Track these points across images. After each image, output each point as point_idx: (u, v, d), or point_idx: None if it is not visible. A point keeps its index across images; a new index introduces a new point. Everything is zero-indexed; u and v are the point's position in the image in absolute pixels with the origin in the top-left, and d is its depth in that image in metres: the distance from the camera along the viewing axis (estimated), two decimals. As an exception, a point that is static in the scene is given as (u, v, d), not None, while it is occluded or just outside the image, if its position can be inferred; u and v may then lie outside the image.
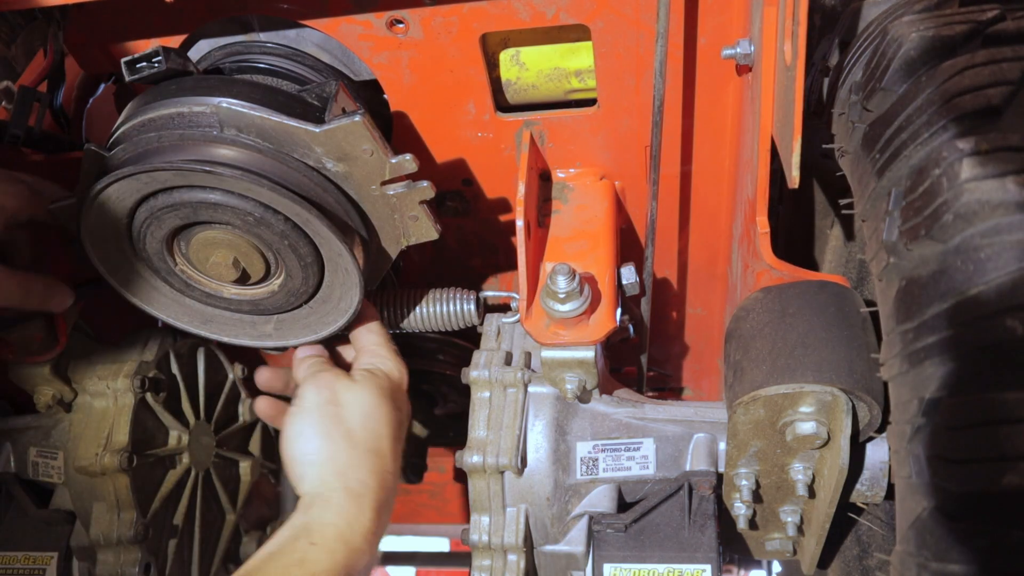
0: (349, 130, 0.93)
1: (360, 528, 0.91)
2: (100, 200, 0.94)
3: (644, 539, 1.08)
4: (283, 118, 0.92)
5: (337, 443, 0.96)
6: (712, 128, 1.17)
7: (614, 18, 1.02)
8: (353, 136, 0.93)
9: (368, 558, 0.92)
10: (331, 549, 0.88)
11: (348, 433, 0.97)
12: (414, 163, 0.96)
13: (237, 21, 1.10)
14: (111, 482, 1.28)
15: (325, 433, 0.97)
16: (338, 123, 0.93)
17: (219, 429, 1.53)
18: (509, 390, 1.12)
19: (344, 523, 0.91)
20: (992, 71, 0.75)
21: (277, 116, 0.92)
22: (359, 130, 0.93)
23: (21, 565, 1.34)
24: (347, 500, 0.92)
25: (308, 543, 0.88)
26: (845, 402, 0.93)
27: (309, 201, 0.93)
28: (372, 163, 0.96)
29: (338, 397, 1.00)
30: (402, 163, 0.96)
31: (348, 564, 0.89)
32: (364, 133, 0.93)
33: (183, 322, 1.10)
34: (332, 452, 0.95)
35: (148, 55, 0.94)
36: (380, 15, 1.04)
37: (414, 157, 0.96)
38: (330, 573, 0.87)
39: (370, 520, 0.93)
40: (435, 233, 1.03)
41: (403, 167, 0.97)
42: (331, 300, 1.05)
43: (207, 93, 0.94)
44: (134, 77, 0.95)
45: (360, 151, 0.95)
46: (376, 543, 0.94)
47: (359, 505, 0.93)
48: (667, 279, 1.48)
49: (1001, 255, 0.67)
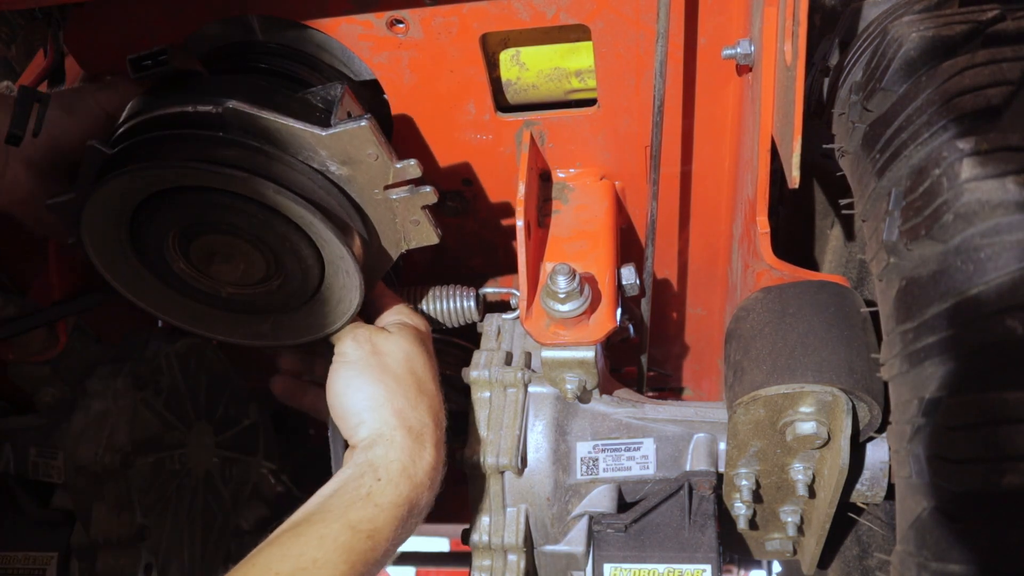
0: (355, 134, 0.93)
1: (423, 464, 0.94)
2: (101, 197, 0.94)
3: (644, 539, 1.08)
4: (289, 120, 0.92)
5: (390, 387, 0.98)
6: (712, 128, 1.17)
7: (614, 18, 1.02)
8: (359, 140, 0.93)
9: (430, 494, 0.95)
10: (396, 483, 0.91)
11: (397, 378, 1.00)
12: (418, 168, 0.97)
13: (237, 21, 1.10)
14: (111, 482, 1.28)
15: (376, 380, 0.98)
16: (344, 127, 0.93)
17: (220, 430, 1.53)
18: (509, 390, 1.12)
19: (408, 459, 0.93)
20: (992, 71, 0.75)
21: (283, 118, 0.92)
22: (365, 135, 0.93)
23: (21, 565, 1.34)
24: (408, 438, 0.95)
25: (374, 479, 0.90)
26: (845, 402, 0.93)
27: (312, 203, 0.93)
28: (376, 167, 0.96)
29: (378, 347, 1.02)
30: (406, 168, 0.96)
31: (412, 498, 0.92)
32: (370, 138, 0.93)
33: (180, 321, 1.10)
34: (387, 395, 0.97)
35: (154, 53, 0.94)
36: (380, 15, 1.04)
37: (418, 163, 0.96)
38: (396, 506, 0.90)
39: (431, 456, 0.96)
40: (436, 238, 1.03)
41: (407, 172, 0.97)
42: (330, 301, 1.05)
43: (213, 93, 0.94)
44: (139, 75, 0.95)
45: (365, 155, 0.95)
46: (437, 480, 0.97)
47: (420, 442, 0.96)
48: (667, 279, 1.48)
49: (1001, 255, 0.67)
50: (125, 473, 1.28)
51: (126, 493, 1.29)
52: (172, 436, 1.40)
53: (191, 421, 1.46)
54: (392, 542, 0.89)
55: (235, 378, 1.61)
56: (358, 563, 0.84)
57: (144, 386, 1.33)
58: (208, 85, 0.97)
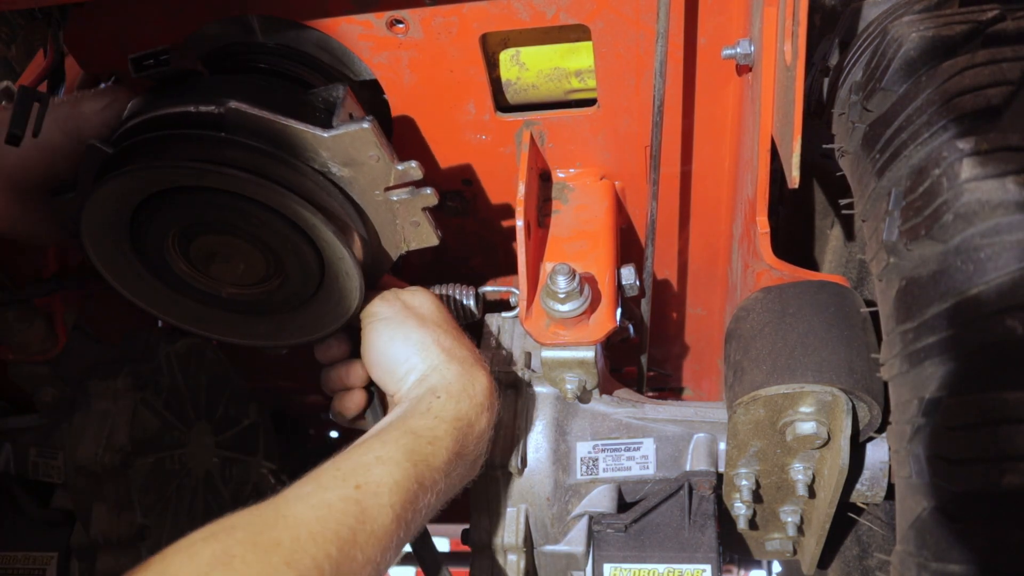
0: (357, 136, 0.93)
1: (480, 385, 0.97)
2: (102, 196, 0.94)
3: (644, 539, 1.08)
4: (291, 121, 0.92)
5: (431, 331, 1.00)
6: (712, 128, 1.17)
7: (614, 18, 1.02)
8: (361, 142, 0.93)
9: (488, 416, 0.97)
10: (456, 398, 0.93)
11: (435, 322, 1.02)
12: (419, 171, 0.97)
13: (237, 21, 1.10)
14: (111, 482, 1.28)
15: (416, 327, 1.00)
16: (346, 129, 0.93)
17: (220, 430, 1.53)
18: (509, 390, 1.12)
19: (466, 379, 0.96)
20: (992, 71, 0.75)
21: (285, 119, 0.92)
22: (367, 137, 0.93)
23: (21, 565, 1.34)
24: (461, 366, 0.97)
25: (434, 398, 0.93)
26: (845, 402, 0.93)
27: (313, 204, 0.93)
28: (377, 169, 0.96)
29: (408, 302, 1.04)
30: (407, 170, 0.97)
31: (471, 416, 0.94)
32: (372, 140, 0.93)
33: (180, 321, 1.10)
34: (432, 337, 0.99)
35: (156, 52, 0.94)
36: (380, 15, 1.04)
37: (419, 165, 0.96)
38: (456, 419, 0.92)
39: (486, 378, 0.98)
40: (435, 239, 1.03)
41: (408, 174, 0.97)
42: (330, 302, 1.05)
43: (215, 93, 0.94)
44: (140, 74, 0.95)
45: (366, 157, 0.95)
46: (494, 404, 0.99)
47: (472, 369, 0.98)
48: (667, 279, 1.48)
49: (1001, 255, 0.67)
50: (125, 473, 1.28)
51: (126, 493, 1.29)
52: (172, 436, 1.40)
53: (191, 421, 1.46)
54: (452, 453, 0.90)
55: (235, 378, 1.61)
56: (420, 463, 0.85)
57: (144, 386, 1.33)
58: (209, 85, 0.97)
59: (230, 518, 0.72)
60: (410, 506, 0.82)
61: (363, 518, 0.77)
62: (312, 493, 0.77)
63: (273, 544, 0.70)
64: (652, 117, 1.05)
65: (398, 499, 0.81)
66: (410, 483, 0.83)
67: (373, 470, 0.81)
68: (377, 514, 0.78)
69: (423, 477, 0.85)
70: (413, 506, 0.83)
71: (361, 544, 0.76)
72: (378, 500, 0.79)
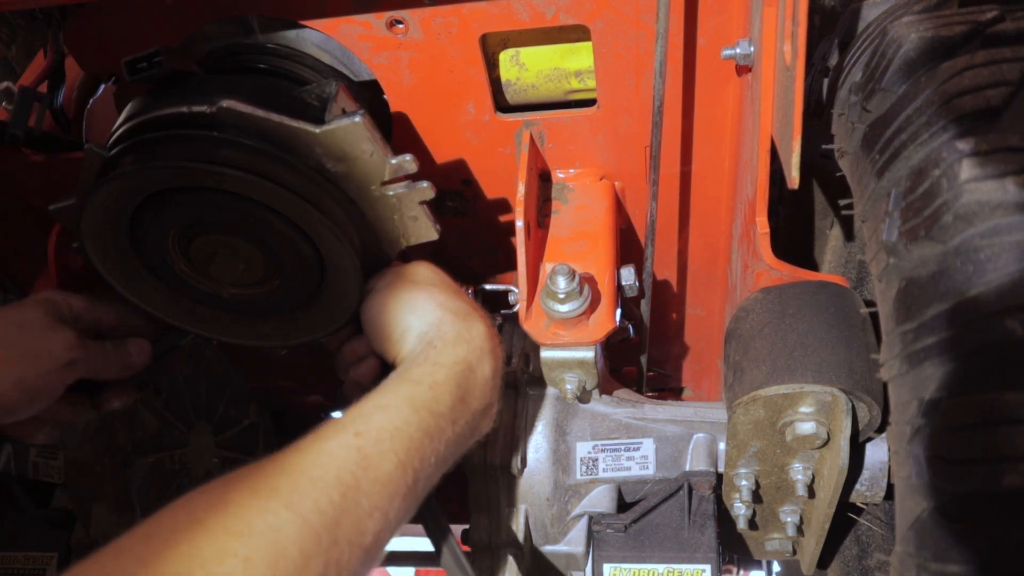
0: (349, 130, 0.93)
1: (477, 331, 0.94)
2: (100, 199, 0.94)
3: (644, 539, 1.08)
4: (283, 118, 0.92)
5: (426, 291, 0.98)
6: (712, 128, 1.17)
7: (614, 18, 1.02)
8: (353, 136, 0.93)
9: (490, 362, 0.94)
10: (454, 344, 0.91)
11: (430, 284, 1.00)
12: (414, 163, 0.96)
13: (237, 22, 1.10)
14: (111, 482, 1.28)
15: (410, 291, 0.99)
16: (338, 123, 0.93)
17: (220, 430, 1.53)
18: (508, 390, 1.12)
19: (462, 327, 0.94)
20: (992, 72, 0.75)
21: (277, 116, 0.92)
22: (359, 131, 0.93)
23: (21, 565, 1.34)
24: (456, 316, 0.95)
25: (431, 348, 0.91)
26: (845, 402, 0.93)
27: (310, 202, 0.93)
28: (372, 163, 0.96)
29: (403, 271, 1.03)
30: (402, 164, 0.96)
31: (470, 360, 0.92)
32: (364, 134, 0.93)
33: (180, 321, 1.10)
34: (426, 297, 0.97)
35: (149, 55, 0.94)
36: (380, 15, 1.04)
37: (414, 158, 0.96)
38: (455, 363, 0.90)
39: (483, 325, 0.96)
40: (435, 234, 1.03)
41: (403, 168, 0.97)
42: (330, 300, 1.05)
43: (208, 93, 0.94)
44: (135, 77, 0.95)
45: (360, 151, 0.95)
46: (496, 348, 0.97)
47: (468, 317, 0.95)
48: (667, 279, 1.48)
49: (1001, 256, 0.67)
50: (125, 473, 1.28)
51: (126, 493, 1.29)
52: (172, 436, 1.40)
53: (191, 421, 1.46)
54: (455, 398, 0.88)
55: (235, 378, 1.61)
56: (421, 409, 0.83)
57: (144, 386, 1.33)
58: (203, 85, 0.97)
59: (227, 475, 0.71)
60: (416, 453, 0.81)
61: (365, 464, 0.75)
62: (310, 443, 0.76)
63: (271, 490, 0.69)
64: (652, 117, 1.05)
65: (401, 445, 0.79)
66: (412, 429, 0.81)
67: (372, 417, 0.80)
68: (380, 461, 0.77)
69: (426, 424, 0.83)
70: (420, 453, 0.81)
71: (365, 491, 0.74)
72: (379, 447, 0.78)
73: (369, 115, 0.93)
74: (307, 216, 0.94)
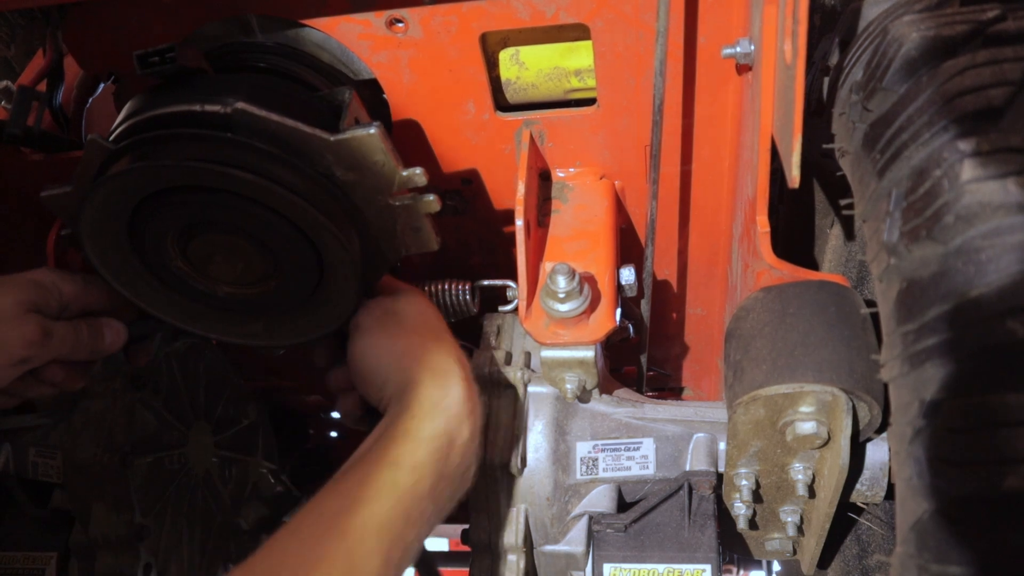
0: (364, 141, 0.93)
1: (454, 396, 0.94)
2: (103, 193, 0.93)
3: (644, 539, 1.08)
4: (298, 124, 0.92)
5: (409, 338, 0.99)
6: (712, 128, 1.17)
7: (614, 17, 1.02)
8: (367, 147, 0.93)
9: (470, 424, 0.95)
10: (431, 415, 0.91)
11: (413, 330, 1.00)
12: (424, 177, 0.96)
13: (236, 21, 1.10)
14: (110, 482, 1.28)
15: (392, 337, 0.99)
16: (352, 133, 0.92)
17: (219, 429, 1.53)
18: (508, 390, 1.12)
19: (438, 394, 0.94)
20: (993, 71, 0.75)
21: (293, 122, 0.92)
22: (374, 142, 0.93)
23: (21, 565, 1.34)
24: (434, 377, 0.95)
25: (408, 418, 0.91)
26: (845, 402, 0.93)
27: (318, 208, 0.93)
28: (382, 174, 0.96)
29: (389, 308, 1.03)
30: (412, 176, 0.96)
31: (449, 430, 0.92)
32: (379, 145, 0.93)
33: (176, 320, 1.10)
34: (406, 348, 0.98)
35: (162, 50, 0.93)
36: (379, 14, 1.04)
37: (424, 171, 0.96)
38: (434, 438, 0.90)
39: (461, 388, 0.95)
40: (435, 245, 1.03)
41: (413, 180, 0.97)
42: (327, 304, 1.04)
43: (222, 93, 0.93)
44: (146, 71, 0.94)
45: (372, 162, 0.95)
46: (476, 411, 0.96)
47: (445, 378, 0.95)
48: (667, 279, 1.48)
49: (1002, 257, 0.67)
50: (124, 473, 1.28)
51: (125, 493, 1.29)
52: (171, 436, 1.40)
53: (190, 421, 1.46)
54: (436, 476, 0.89)
55: (235, 378, 1.61)
56: (404, 496, 0.84)
57: (143, 386, 1.33)
58: (214, 84, 0.96)
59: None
60: (399, 543, 0.83)
61: (352, 571, 0.78)
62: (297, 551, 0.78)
63: None
64: (652, 116, 1.05)
65: (385, 541, 0.81)
66: (396, 523, 0.83)
67: (358, 514, 0.81)
68: (365, 562, 0.79)
69: (408, 512, 0.84)
70: (402, 543, 0.83)
71: None
72: (364, 546, 0.80)
73: (383, 126, 0.93)
74: (313, 222, 0.94)
